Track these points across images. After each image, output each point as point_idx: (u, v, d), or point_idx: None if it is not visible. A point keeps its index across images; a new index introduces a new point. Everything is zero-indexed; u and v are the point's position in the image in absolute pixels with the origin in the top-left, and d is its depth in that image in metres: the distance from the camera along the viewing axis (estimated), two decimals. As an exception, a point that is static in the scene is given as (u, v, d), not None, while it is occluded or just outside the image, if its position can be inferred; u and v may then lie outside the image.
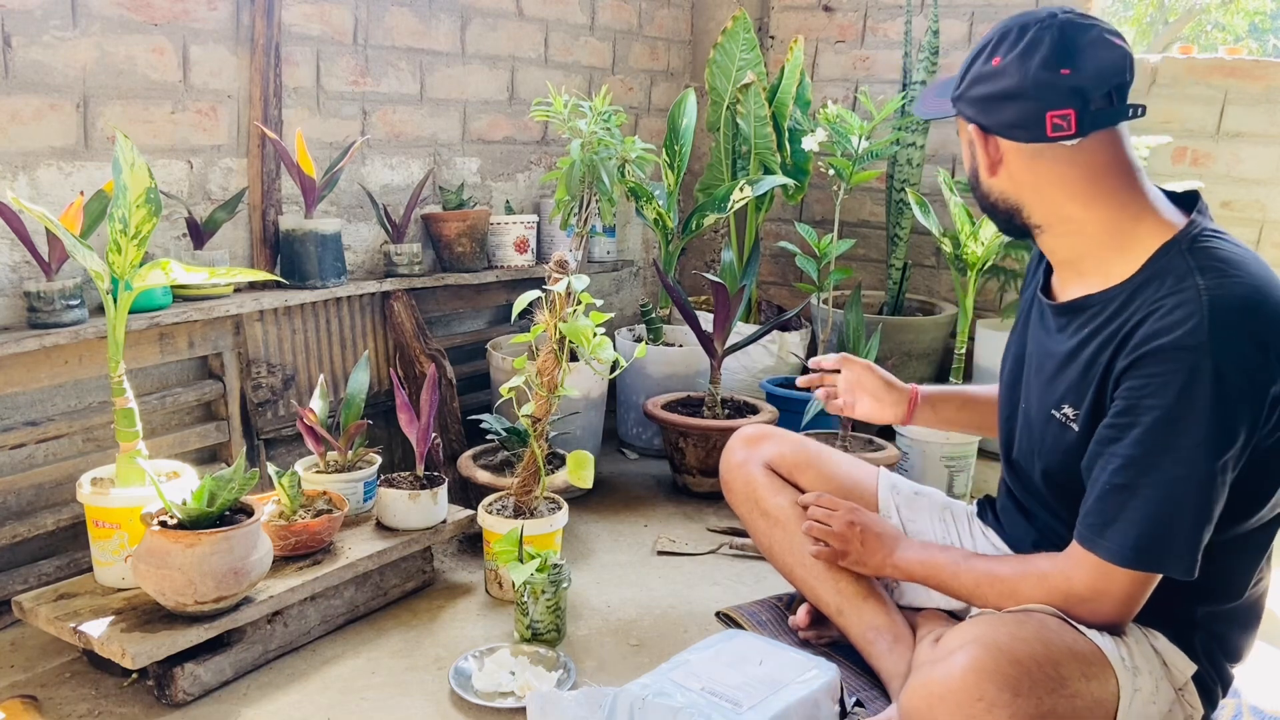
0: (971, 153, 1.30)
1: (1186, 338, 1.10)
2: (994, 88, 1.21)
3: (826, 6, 3.32)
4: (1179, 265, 1.16)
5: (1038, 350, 1.36)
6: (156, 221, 1.55)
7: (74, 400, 1.87)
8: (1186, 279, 1.14)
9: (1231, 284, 1.12)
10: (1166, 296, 1.14)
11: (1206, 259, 1.16)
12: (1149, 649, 1.23)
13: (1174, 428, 1.11)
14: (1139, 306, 1.17)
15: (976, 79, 1.24)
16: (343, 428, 1.94)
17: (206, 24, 2.00)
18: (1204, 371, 1.09)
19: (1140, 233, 1.21)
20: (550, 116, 1.89)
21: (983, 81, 1.23)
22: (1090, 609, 1.20)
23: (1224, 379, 1.09)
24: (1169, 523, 1.13)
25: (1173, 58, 2.85)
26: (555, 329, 1.81)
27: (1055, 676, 1.12)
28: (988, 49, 1.23)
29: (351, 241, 2.37)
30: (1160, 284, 1.17)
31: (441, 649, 1.73)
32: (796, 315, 2.88)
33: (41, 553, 1.82)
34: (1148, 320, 1.15)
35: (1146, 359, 1.13)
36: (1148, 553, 1.14)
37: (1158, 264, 1.19)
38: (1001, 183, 1.28)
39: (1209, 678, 1.27)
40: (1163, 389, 1.12)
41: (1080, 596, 1.20)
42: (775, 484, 1.68)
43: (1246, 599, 1.28)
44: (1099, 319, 1.23)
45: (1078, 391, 1.24)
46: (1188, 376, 1.10)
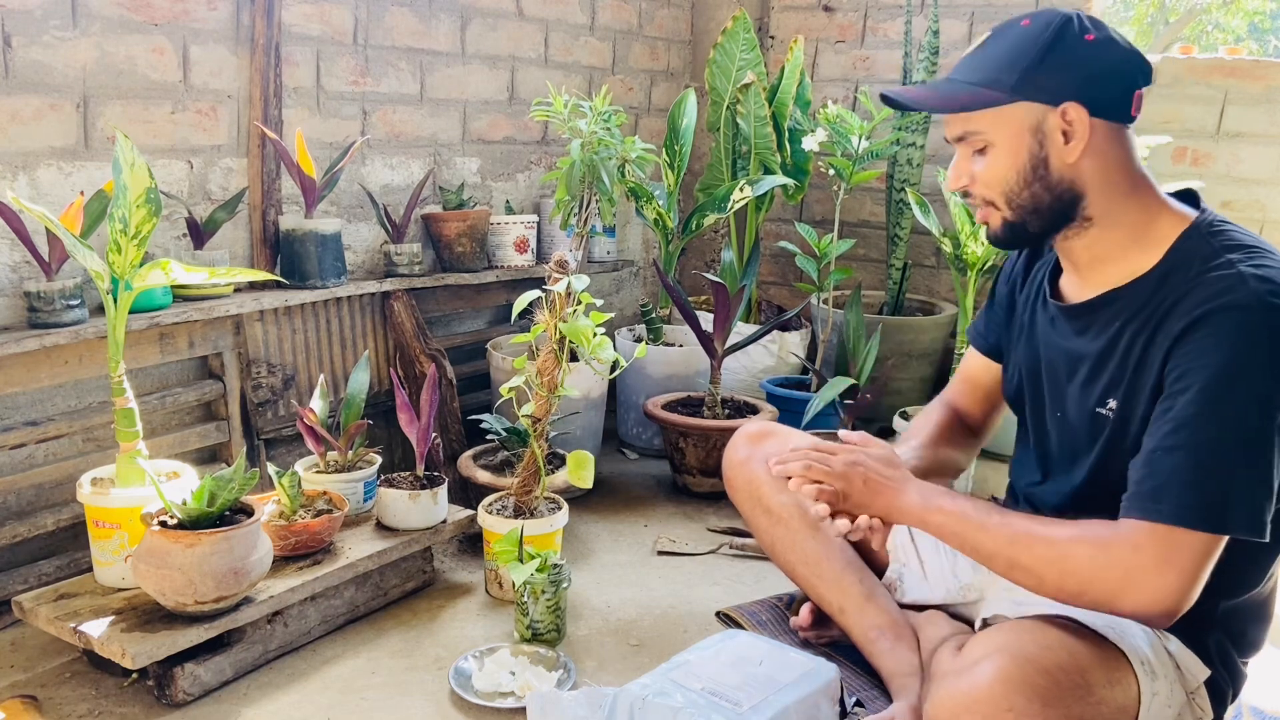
0: (1038, 140, 1.21)
1: (1235, 300, 1.11)
2: (1100, 63, 1.19)
3: (826, 6, 3.32)
4: (1204, 248, 1.18)
5: (1059, 356, 1.34)
6: (156, 221, 1.55)
7: (74, 400, 1.87)
8: (1218, 257, 1.16)
9: (1262, 260, 1.14)
10: (1202, 274, 1.15)
11: (1230, 240, 1.18)
12: (1163, 652, 1.23)
13: (1227, 385, 1.09)
14: (1171, 289, 1.18)
15: (1068, 58, 1.18)
16: (343, 428, 1.94)
17: (206, 24, 2.00)
18: (1256, 327, 1.09)
19: (1161, 223, 1.23)
20: (550, 116, 1.89)
21: (1080, 59, 1.19)
22: (1154, 585, 1.09)
23: (1274, 336, 1.09)
24: (1227, 478, 1.09)
25: (1173, 58, 2.85)
26: (555, 329, 1.81)
27: (1082, 684, 1.12)
28: (1062, 29, 1.18)
29: (351, 241, 2.37)
30: (1188, 267, 1.18)
31: (441, 649, 1.73)
32: (796, 315, 2.88)
33: (41, 553, 1.82)
34: (1187, 296, 1.15)
35: (1196, 325, 1.13)
36: (1210, 510, 1.08)
37: (1180, 251, 1.20)
38: (1078, 168, 1.21)
39: (1222, 680, 1.26)
40: (1215, 349, 1.11)
41: (1144, 568, 1.09)
42: (778, 481, 1.68)
43: (1263, 589, 1.27)
44: (1129, 310, 1.22)
45: (1118, 384, 1.23)
46: (1239, 334, 1.10)
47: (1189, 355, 1.13)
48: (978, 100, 1.21)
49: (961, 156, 1.28)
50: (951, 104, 1.24)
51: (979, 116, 1.23)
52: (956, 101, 1.23)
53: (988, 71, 1.22)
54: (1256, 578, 1.26)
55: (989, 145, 1.24)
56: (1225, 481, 1.09)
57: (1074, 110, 1.19)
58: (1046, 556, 1.16)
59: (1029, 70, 1.19)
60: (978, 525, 1.23)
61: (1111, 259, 1.25)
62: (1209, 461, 1.09)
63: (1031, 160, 1.22)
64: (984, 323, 1.56)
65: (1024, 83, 1.19)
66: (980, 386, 1.59)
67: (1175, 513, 1.09)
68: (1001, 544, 1.20)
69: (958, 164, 1.28)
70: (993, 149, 1.23)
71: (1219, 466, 1.09)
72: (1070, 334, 1.32)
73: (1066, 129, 1.20)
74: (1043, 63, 1.19)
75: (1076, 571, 1.14)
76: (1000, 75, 1.20)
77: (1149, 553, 1.10)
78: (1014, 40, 1.21)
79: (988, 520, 1.22)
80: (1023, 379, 1.43)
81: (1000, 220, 1.27)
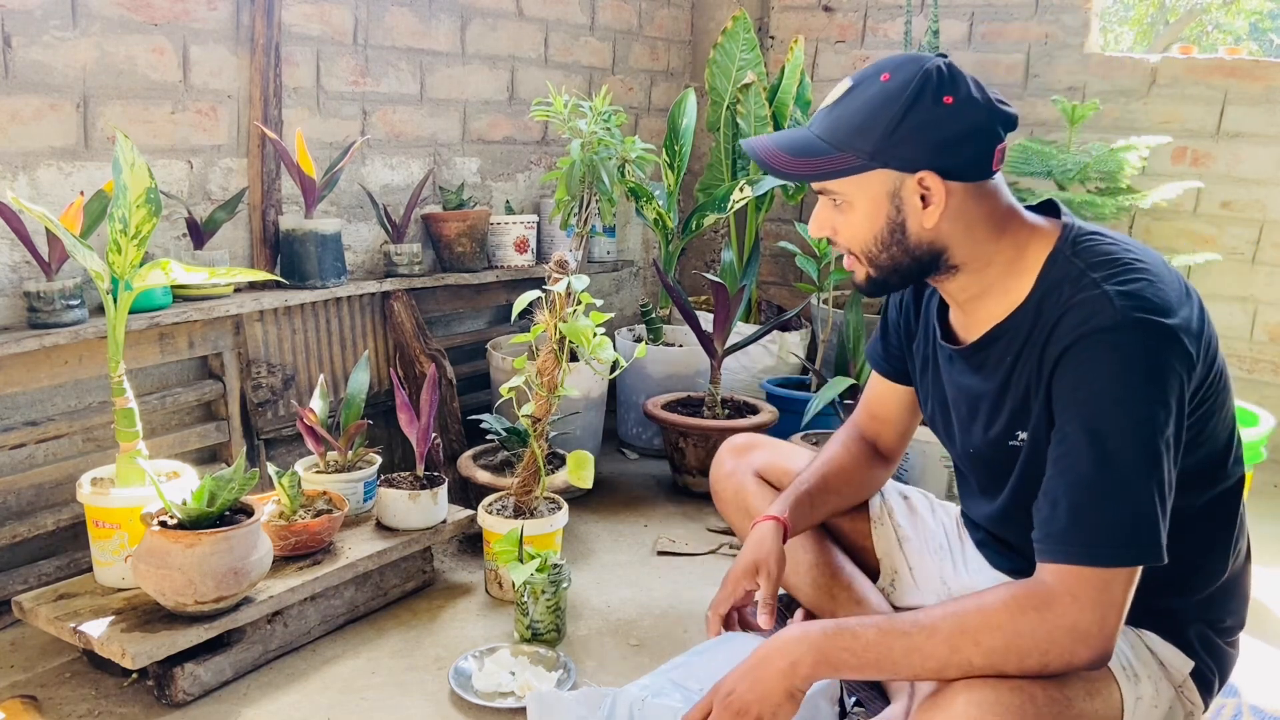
0: (895, 206, 1.19)
1: (1100, 322, 1.10)
2: (955, 128, 1.16)
3: (826, 6, 3.32)
4: (1070, 269, 1.18)
5: (962, 395, 1.33)
6: (156, 221, 1.55)
7: (74, 400, 1.87)
8: (1083, 279, 1.15)
9: (1125, 275, 1.13)
10: (1070, 298, 1.15)
11: (1092, 258, 1.17)
12: (1144, 651, 1.23)
13: (1108, 414, 1.09)
14: (1046, 317, 1.18)
15: (923, 124, 1.15)
16: (343, 428, 1.94)
17: (206, 24, 2.00)
18: (1124, 347, 1.09)
19: (1029, 250, 1.22)
20: (550, 116, 1.89)
21: (935, 125, 1.16)
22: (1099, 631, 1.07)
23: (1143, 356, 1.09)
24: (1131, 509, 1.09)
25: (1173, 58, 2.85)
26: (555, 329, 1.81)
27: (1060, 698, 1.10)
28: (919, 92, 1.16)
29: (351, 241, 2.37)
30: (1059, 291, 1.17)
31: (441, 649, 1.73)
32: (796, 315, 2.88)
33: (41, 553, 1.82)
34: (1059, 324, 1.15)
35: (1068, 354, 1.13)
36: (1126, 545, 1.08)
37: (1049, 275, 1.20)
38: (937, 230, 1.20)
39: (1207, 670, 1.26)
40: (1090, 377, 1.11)
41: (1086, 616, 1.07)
42: (766, 492, 1.68)
43: (1230, 574, 1.27)
44: (1015, 344, 1.22)
45: (1021, 416, 1.23)
46: (1110, 357, 1.10)
47: (1066, 386, 1.13)
48: (833, 168, 1.19)
49: (824, 206, 1.25)
50: (805, 171, 1.21)
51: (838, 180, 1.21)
52: (811, 169, 1.20)
53: (844, 134, 1.19)
54: (1220, 567, 1.26)
55: (846, 205, 1.22)
56: (1126, 512, 1.08)
57: (930, 179, 1.17)
58: (996, 647, 1.08)
59: (884, 138, 1.16)
60: (904, 649, 1.12)
61: (989, 294, 1.25)
62: (1110, 496, 1.08)
63: (889, 225, 1.20)
64: (882, 347, 1.54)
65: (880, 151, 1.16)
66: (889, 413, 1.56)
67: (1095, 554, 1.07)
68: (944, 655, 1.10)
69: (820, 214, 1.26)
70: (851, 210, 1.22)
71: (1119, 499, 1.08)
72: (968, 372, 1.31)
73: (924, 194, 1.18)
74: (896, 131, 1.16)
75: (1031, 648, 1.08)
76: (855, 140, 1.17)
77: (1087, 599, 1.07)
78: (872, 101, 1.17)
79: (911, 640, 1.11)
80: (935, 410, 1.42)
81: (864, 274, 1.26)
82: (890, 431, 1.57)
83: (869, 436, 1.58)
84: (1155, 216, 2.85)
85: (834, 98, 1.22)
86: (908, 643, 1.12)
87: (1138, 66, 2.87)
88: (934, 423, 1.44)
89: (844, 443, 1.56)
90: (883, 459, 1.58)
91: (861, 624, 1.15)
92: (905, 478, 2.32)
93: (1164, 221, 2.88)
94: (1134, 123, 2.87)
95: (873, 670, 1.15)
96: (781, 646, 1.17)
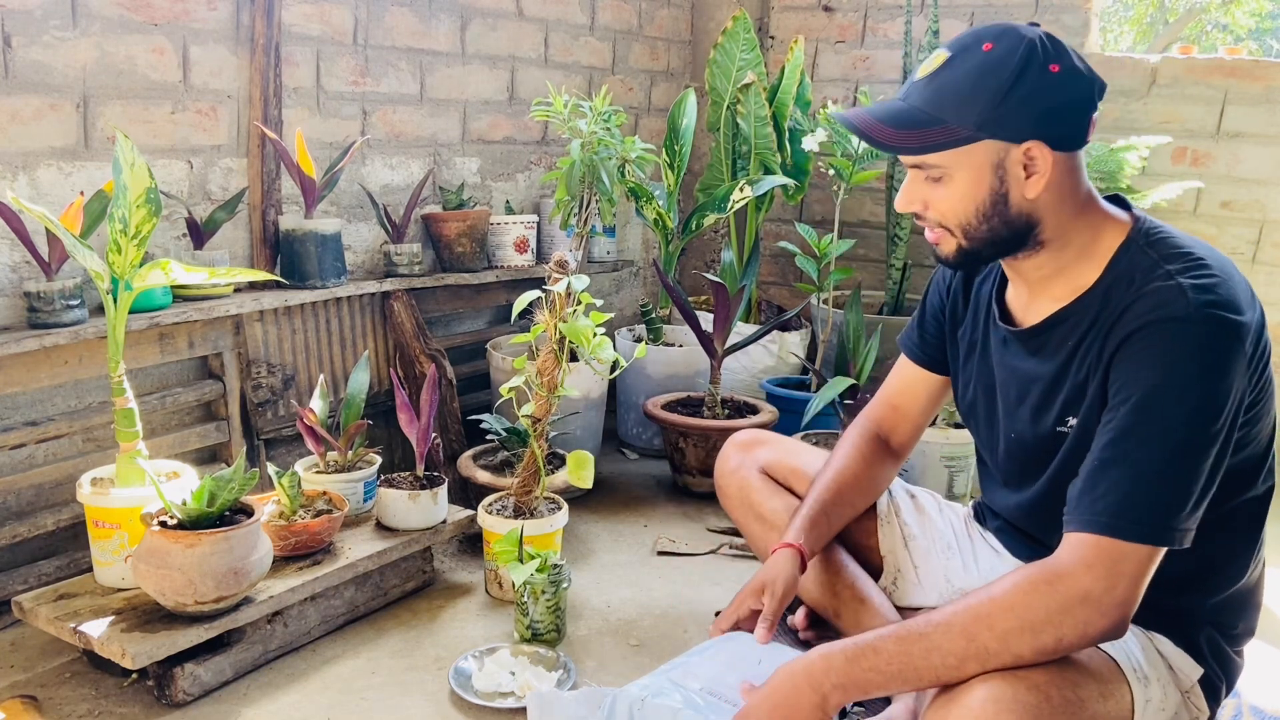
0: (998, 177, 1.18)
1: (1173, 312, 1.11)
2: (1061, 97, 1.15)
3: (826, 6, 3.32)
4: (1143, 260, 1.18)
5: (1013, 378, 1.33)
6: (156, 221, 1.55)
7: (74, 400, 1.87)
8: (1156, 269, 1.16)
9: (1200, 270, 1.14)
10: (1142, 286, 1.15)
11: (1167, 250, 1.18)
12: (1155, 654, 1.23)
13: (1163, 396, 1.10)
14: (1115, 304, 1.18)
15: (1032, 93, 1.13)
16: (343, 428, 1.94)
17: (206, 24, 2.00)
18: (1191, 338, 1.10)
19: (1103, 235, 1.23)
20: (550, 116, 1.89)
21: (1043, 93, 1.14)
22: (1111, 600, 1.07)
23: (1209, 348, 1.10)
24: (1161, 492, 1.09)
25: (1172, 58, 2.85)
26: (555, 329, 1.81)
27: (1074, 700, 1.11)
28: (1027, 61, 1.13)
29: (351, 241, 2.37)
30: (1130, 280, 1.18)
31: (441, 649, 1.73)
32: (796, 315, 2.88)
33: (41, 553, 1.82)
34: (1130, 309, 1.15)
35: (1133, 339, 1.13)
36: (1148, 525, 1.08)
37: (1121, 263, 1.20)
38: (1034, 201, 1.18)
39: (1215, 676, 1.26)
40: (1151, 361, 1.11)
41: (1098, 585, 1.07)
42: (770, 488, 1.68)
43: (1247, 581, 1.28)
44: (1079, 329, 1.23)
45: (1076, 402, 1.23)
46: (1174, 346, 1.10)
47: (1127, 368, 1.13)
48: (940, 140, 1.16)
49: (915, 180, 1.23)
50: (912, 143, 1.18)
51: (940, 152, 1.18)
52: (917, 140, 1.18)
53: (949, 105, 1.16)
54: (1239, 572, 1.26)
55: (944, 177, 1.20)
56: (1161, 493, 1.09)
57: (1037, 149, 1.16)
58: (1011, 627, 1.08)
59: (993, 108, 1.14)
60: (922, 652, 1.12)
61: (1060, 276, 1.25)
62: (1148, 474, 1.09)
63: (991, 196, 1.19)
64: (918, 334, 1.53)
65: (988, 121, 1.14)
66: (910, 403, 1.56)
67: (1117, 526, 1.08)
68: (961, 647, 1.10)
69: (910, 188, 1.23)
70: (950, 182, 1.19)
71: (1156, 479, 1.09)
72: (1023, 355, 1.31)
73: (1028, 165, 1.17)
74: (1006, 100, 1.14)
75: (1046, 622, 1.08)
76: (962, 111, 1.15)
77: (1099, 569, 1.07)
78: (977, 69, 1.15)
79: (929, 641, 1.11)
80: (977, 396, 1.42)
81: (955, 246, 1.24)
82: (906, 425, 1.57)
83: (883, 430, 1.58)
84: (1155, 216, 2.85)
85: (931, 68, 1.19)
86: (926, 644, 1.12)
87: (1138, 66, 2.87)
88: (972, 410, 1.44)
89: (855, 444, 1.56)
90: (893, 455, 1.58)
91: (880, 638, 1.15)
92: (906, 478, 2.32)
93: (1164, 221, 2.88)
94: (1134, 123, 2.87)
95: (898, 683, 1.14)
96: (809, 678, 1.17)
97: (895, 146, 1.19)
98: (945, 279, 1.49)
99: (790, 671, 1.19)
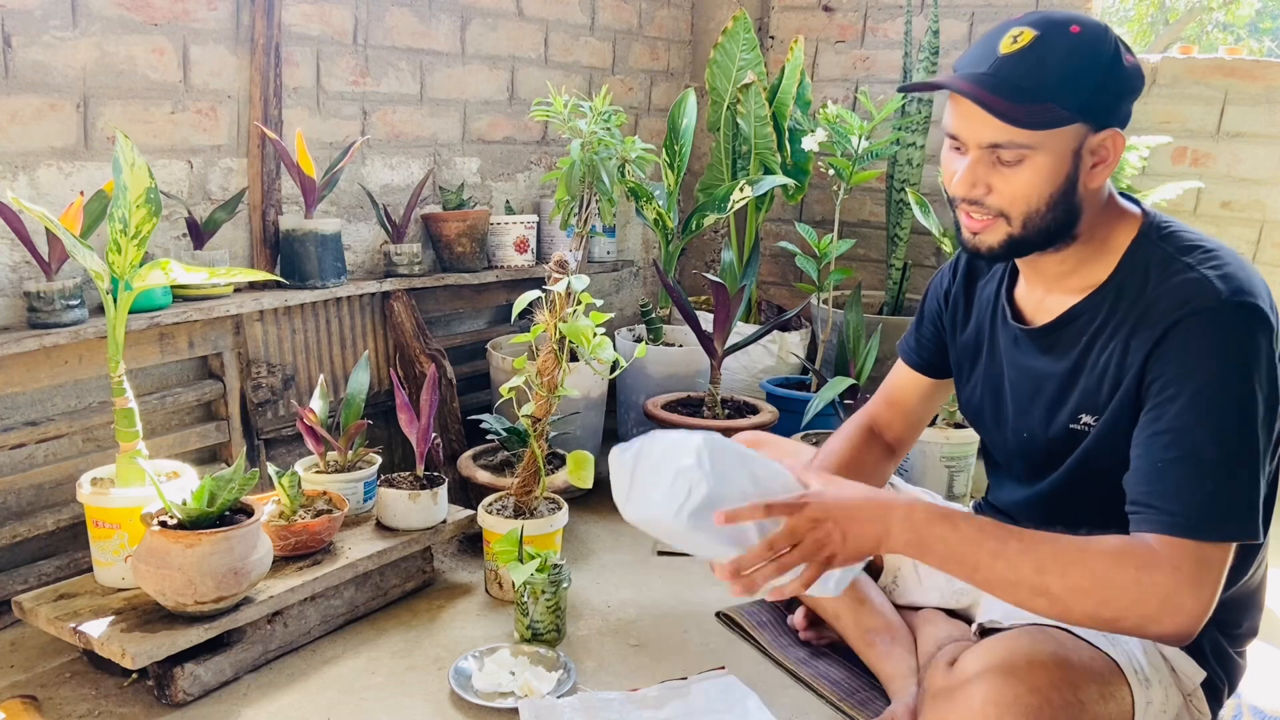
0: (1074, 164, 1.15)
1: (1204, 303, 1.11)
2: (1131, 88, 1.16)
3: (826, 6, 3.32)
4: (1158, 254, 1.18)
5: (1025, 377, 1.32)
6: (156, 221, 1.55)
7: (74, 400, 1.87)
8: (1173, 263, 1.16)
9: (1216, 260, 1.14)
10: (1164, 281, 1.15)
11: (1180, 243, 1.18)
12: (1157, 656, 1.23)
13: (1216, 390, 1.09)
14: (1133, 300, 1.18)
15: (1120, 81, 1.13)
16: (343, 428, 1.94)
17: (206, 24, 2.00)
18: (1228, 329, 1.10)
19: (1117, 229, 1.22)
20: (550, 116, 1.89)
21: (1126, 82, 1.14)
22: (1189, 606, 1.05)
23: (1246, 336, 1.10)
24: (1235, 486, 1.08)
25: (1172, 58, 2.85)
26: (555, 329, 1.81)
27: (1074, 701, 1.11)
28: (1118, 48, 1.13)
29: (351, 241, 2.37)
30: (1147, 275, 1.18)
31: (441, 649, 1.73)
32: (796, 315, 2.88)
33: (41, 553, 1.82)
34: (1156, 305, 1.15)
35: (1171, 332, 1.12)
36: (1232, 521, 1.07)
37: (1134, 258, 1.20)
38: (1093, 191, 1.17)
39: (1217, 679, 1.26)
40: (1196, 354, 1.11)
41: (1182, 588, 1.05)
42: None
43: (1250, 581, 1.28)
44: (1092, 326, 1.22)
45: (1094, 399, 1.22)
46: (1215, 337, 1.10)
47: (1170, 363, 1.12)
48: (1045, 118, 1.12)
49: (982, 162, 1.17)
50: (1020, 117, 1.11)
51: (1032, 131, 1.13)
52: (1026, 116, 1.11)
53: (1050, 84, 1.11)
54: (1243, 570, 1.26)
55: (1025, 160, 1.15)
56: (1234, 489, 1.08)
57: (1113, 138, 1.15)
58: (1081, 585, 1.06)
59: (1093, 92, 1.12)
60: (993, 552, 1.09)
61: (1077, 271, 1.25)
62: (1218, 471, 1.08)
63: (1065, 183, 1.16)
64: (914, 339, 1.53)
65: (1087, 105, 1.12)
66: (906, 403, 1.56)
67: (1206, 527, 1.06)
68: (1026, 573, 1.08)
69: (975, 169, 1.17)
70: (1029, 165, 1.15)
71: (1226, 475, 1.08)
72: (1035, 354, 1.30)
73: (1100, 152, 1.16)
74: (1104, 86, 1.12)
75: (1115, 600, 1.06)
76: (1065, 92, 1.11)
77: (1187, 571, 1.05)
78: (1075, 51, 1.12)
79: (1004, 547, 1.09)
80: (984, 397, 1.41)
81: (1004, 236, 1.19)
82: (903, 421, 1.57)
83: (878, 424, 1.58)
84: (1155, 216, 2.85)
85: (1017, 45, 1.13)
86: (999, 548, 1.09)
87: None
88: (980, 410, 1.43)
89: (847, 434, 1.55)
90: (888, 449, 1.57)
91: (964, 518, 1.13)
92: (906, 478, 2.32)
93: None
94: (1134, 123, 2.82)
95: (954, 565, 1.12)
96: (886, 508, 1.13)
97: (1014, 119, 1.12)
98: (943, 284, 1.48)
99: (875, 493, 1.17)
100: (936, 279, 1.51)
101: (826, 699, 1.59)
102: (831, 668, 1.66)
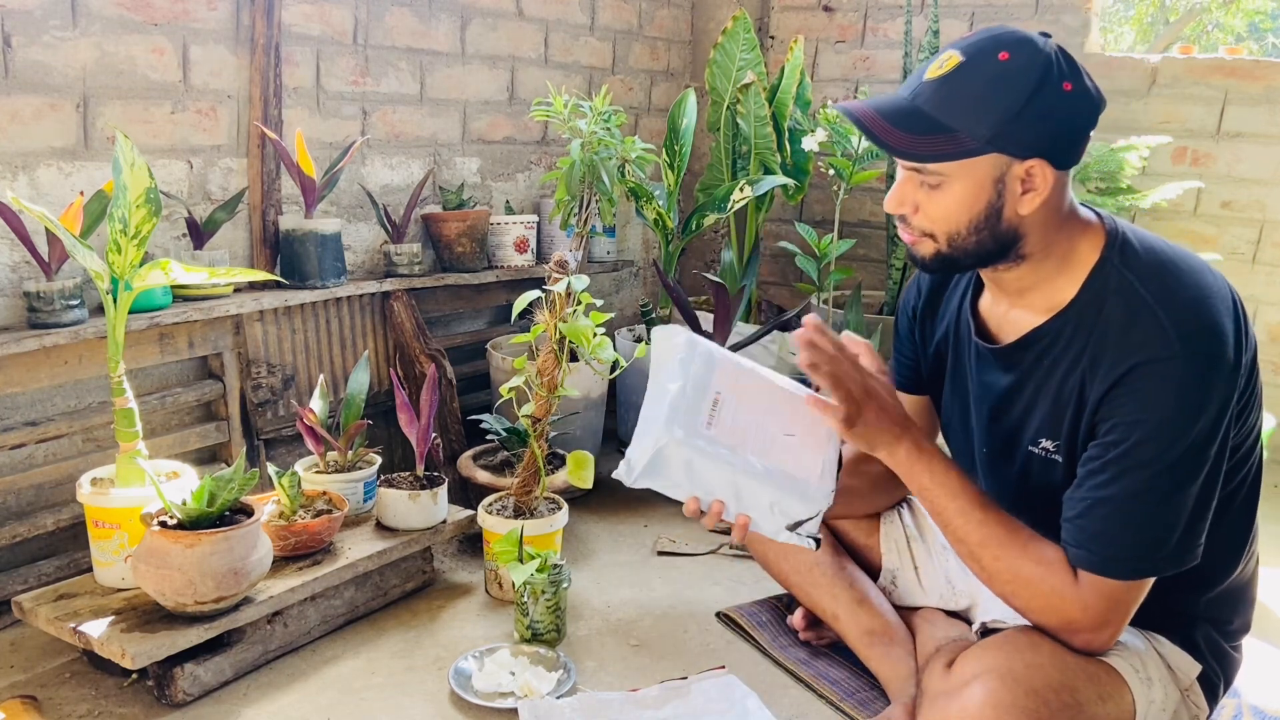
0: (997, 191, 1.15)
1: (1159, 353, 1.11)
2: (1071, 116, 1.14)
3: (826, 6, 3.32)
4: (1118, 280, 1.17)
5: (988, 394, 1.32)
6: (156, 221, 1.55)
7: (74, 400, 1.87)
8: (1134, 295, 1.16)
9: (1178, 297, 1.14)
10: (1125, 316, 1.15)
11: (1142, 270, 1.17)
12: (1155, 655, 1.23)
13: (1159, 441, 1.11)
14: (1096, 329, 1.18)
15: (1045, 111, 1.11)
16: (343, 428, 1.94)
17: (206, 24, 2.00)
18: (1178, 378, 1.11)
19: (1079, 247, 1.21)
20: (550, 116, 1.89)
21: (1055, 112, 1.12)
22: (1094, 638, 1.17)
23: (1200, 382, 1.11)
24: (1168, 528, 1.13)
25: (1172, 58, 2.85)
26: (555, 329, 1.81)
27: (1072, 703, 1.12)
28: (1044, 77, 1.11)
29: (351, 241, 2.37)
30: (1107, 302, 1.18)
31: (441, 649, 1.73)
32: (796, 315, 2.88)
33: (41, 553, 1.82)
34: (1110, 343, 1.16)
35: (1124, 381, 1.13)
36: (1155, 560, 1.14)
37: (1096, 281, 1.19)
38: (1026, 217, 1.17)
39: (1213, 674, 1.27)
40: (1139, 405, 1.12)
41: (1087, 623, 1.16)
42: None
43: (1240, 576, 1.28)
44: (1055, 349, 1.22)
45: (1054, 422, 1.23)
46: (1165, 387, 1.11)
47: (1121, 407, 1.14)
48: (948, 150, 1.13)
49: (909, 182, 1.20)
50: (919, 149, 1.14)
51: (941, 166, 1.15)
52: (925, 147, 1.14)
53: (960, 113, 1.12)
54: (1233, 566, 1.27)
55: (943, 185, 1.16)
56: (1167, 530, 1.13)
57: (1040, 167, 1.14)
58: (1003, 574, 1.20)
59: (1004, 123, 1.11)
60: (959, 510, 1.22)
61: (1038, 288, 1.24)
62: (1142, 517, 1.13)
63: (986, 210, 1.16)
64: (897, 361, 1.53)
65: (998, 135, 1.11)
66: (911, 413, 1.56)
67: (1124, 568, 1.14)
68: (972, 540, 1.21)
69: (903, 189, 1.20)
70: (947, 190, 1.17)
71: (1159, 518, 1.13)
72: (997, 371, 1.30)
73: (1027, 182, 1.15)
74: (1019, 116, 1.11)
75: (1026, 603, 1.20)
76: (974, 122, 1.12)
77: (1094, 609, 1.15)
78: (993, 80, 1.12)
79: (969, 509, 1.21)
80: (954, 411, 1.42)
81: (933, 251, 1.21)
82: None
83: None
84: (1155, 217, 2.85)
85: (941, 70, 1.15)
86: (966, 507, 1.22)
87: (1138, 66, 2.87)
88: (949, 426, 1.44)
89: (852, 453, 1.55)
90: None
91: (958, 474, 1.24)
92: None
93: (1164, 222, 2.88)
94: (1134, 122, 2.86)
95: (926, 499, 1.25)
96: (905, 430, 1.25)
97: (903, 151, 1.16)
98: (909, 301, 1.48)
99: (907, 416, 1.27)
100: (904, 298, 1.50)
101: (826, 699, 1.59)
102: (831, 668, 1.66)
